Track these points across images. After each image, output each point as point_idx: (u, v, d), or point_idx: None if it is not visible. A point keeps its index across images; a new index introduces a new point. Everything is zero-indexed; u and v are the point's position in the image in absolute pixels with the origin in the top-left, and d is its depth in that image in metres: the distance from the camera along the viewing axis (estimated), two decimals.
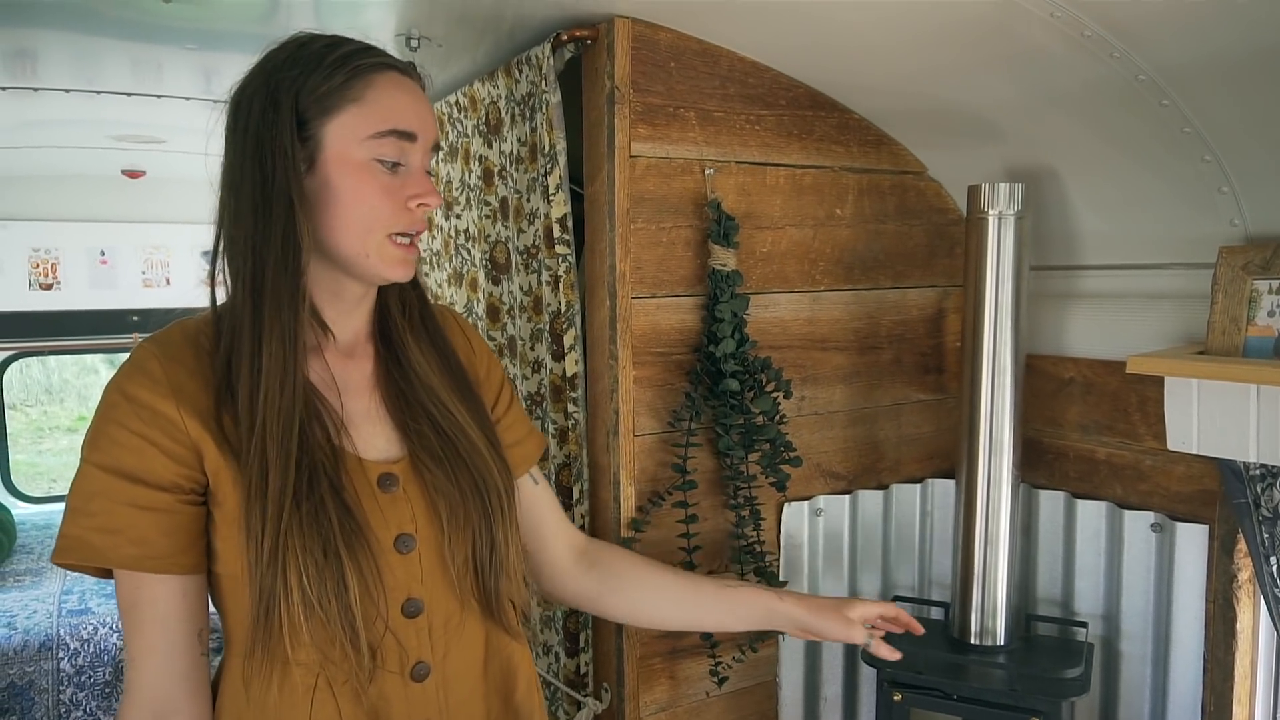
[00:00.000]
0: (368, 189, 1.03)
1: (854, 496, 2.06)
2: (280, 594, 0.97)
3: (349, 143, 1.03)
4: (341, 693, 1.05)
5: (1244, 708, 1.71)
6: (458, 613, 1.14)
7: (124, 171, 3.86)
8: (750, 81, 1.83)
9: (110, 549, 0.99)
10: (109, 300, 4.24)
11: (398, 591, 1.08)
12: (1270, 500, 1.55)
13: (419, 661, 1.10)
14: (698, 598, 1.39)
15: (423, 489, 1.11)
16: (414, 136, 1.05)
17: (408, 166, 1.06)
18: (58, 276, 4.16)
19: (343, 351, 1.14)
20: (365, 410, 1.13)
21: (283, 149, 1.00)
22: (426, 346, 1.18)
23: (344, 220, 1.03)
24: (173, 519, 1.00)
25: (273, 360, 1.00)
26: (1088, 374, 1.92)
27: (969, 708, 1.69)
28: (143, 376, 1.01)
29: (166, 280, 4.33)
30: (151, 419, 0.99)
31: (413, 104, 1.06)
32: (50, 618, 3.19)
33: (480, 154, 2.06)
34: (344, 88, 1.02)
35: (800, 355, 1.95)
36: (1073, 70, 1.50)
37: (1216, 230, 1.60)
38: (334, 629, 1.00)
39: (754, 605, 1.38)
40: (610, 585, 1.37)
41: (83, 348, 4.53)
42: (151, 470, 0.99)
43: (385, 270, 1.07)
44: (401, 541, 1.08)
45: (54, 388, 8.87)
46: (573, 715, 1.89)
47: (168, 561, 1.00)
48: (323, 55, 1.03)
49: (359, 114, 1.03)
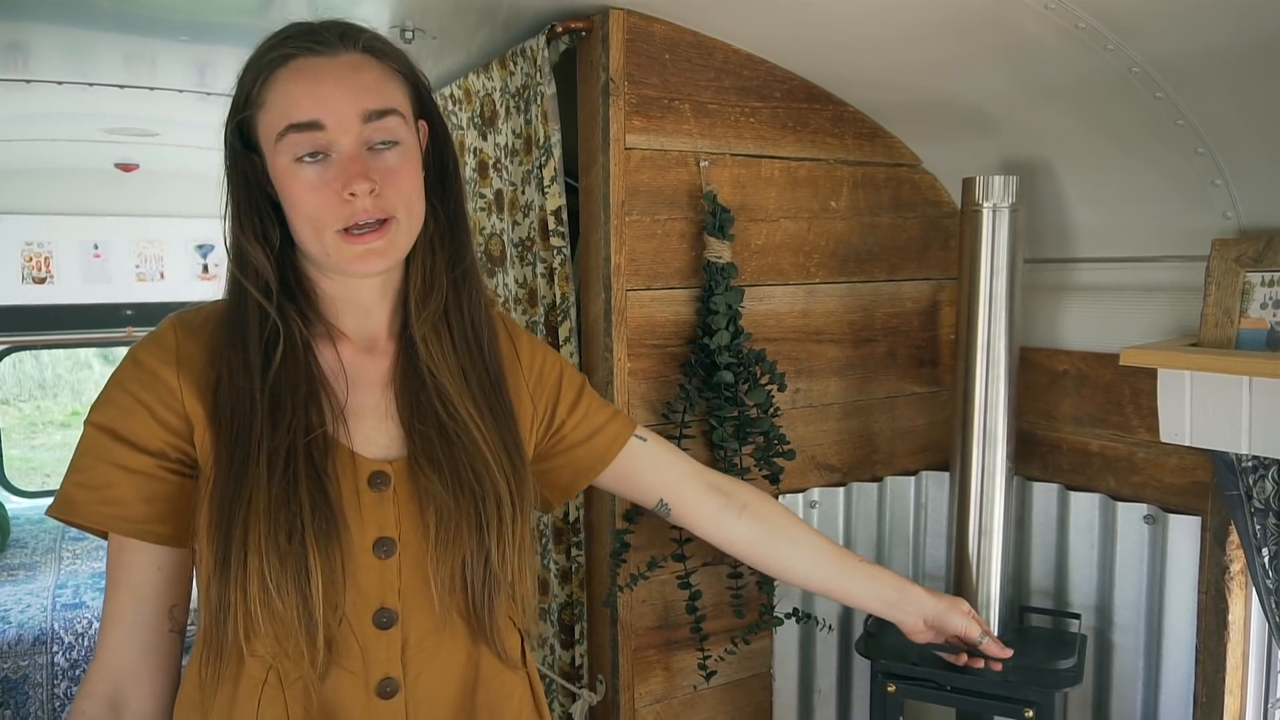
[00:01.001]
0: (298, 190, 0.99)
1: (848, 489, 2.06)
2: (238, 576, 0.95)
3: (270, 150, 1.01)
4: (291, 691, 1.01)
5: (1235, 698, 1.72)
6: (434, 633, 1.07)
7: (117, 165, 3.85)
8: (745, 74, 1.83)
9: (85, 504, 0.99)
10: (102, 294, 4.23)
11: (370, 598, 1.03)
12: (1262, 492, 1.55)
13: (386, 677, 1.04)
14: (845, 568, 1.45)
15: (414, 494, 1.06)
16: (318, 124, 0.97)
17: (336, 155, 0.99)
18: (51, 270, 4.15)
19: (362, 346, 1.11)
20: (374, 406, 1.09)
21: (230, 169, 1.04)
22: (448, 346, 1.12)
23: (296, 223, 1.02)
24: (153, 485, 1.00)
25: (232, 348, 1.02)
26: (1081, 366, 1.92)
27: (962, 699, 1.70)
28: (155, 344, 1.03)
29: (160, 274, 4.31)
30: (151, 384, 1.00)
31: (312, 89, 0.98)
32: (44, 612, 3.19)
33: (475, 146, 2.06)
34: (253, 98, 1.01)
35: (795, 348, 1.96)
36: (1067, 63, 1.50)
37: (1210, 223, 1.61)
38: (290, 619, 0.96)
39: (891, 588, 1.45)
40: (765, 538, 1.40)
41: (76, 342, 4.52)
42: (138, 433, 0.99)
43: (348, 267, 1.02)
44: (381, 545, 1.03)
45: (47, 382, 8.84)
46: (568, 707, 1.90)
47: (140, 527, 1.00)
48: (244, 70, 1.03)
49: (265, 120, 1.00)
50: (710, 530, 1.39)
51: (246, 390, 1.00)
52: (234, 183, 1.04)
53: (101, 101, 2.62)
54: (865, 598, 1.47)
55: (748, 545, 1.41)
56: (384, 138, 1.01)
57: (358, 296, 1.10)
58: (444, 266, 1.12)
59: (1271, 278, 1.50)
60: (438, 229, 1.11)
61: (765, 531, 1.40)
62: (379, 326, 1.12)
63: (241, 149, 1.03)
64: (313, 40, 1.00)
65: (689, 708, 1.91)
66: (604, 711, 1.86)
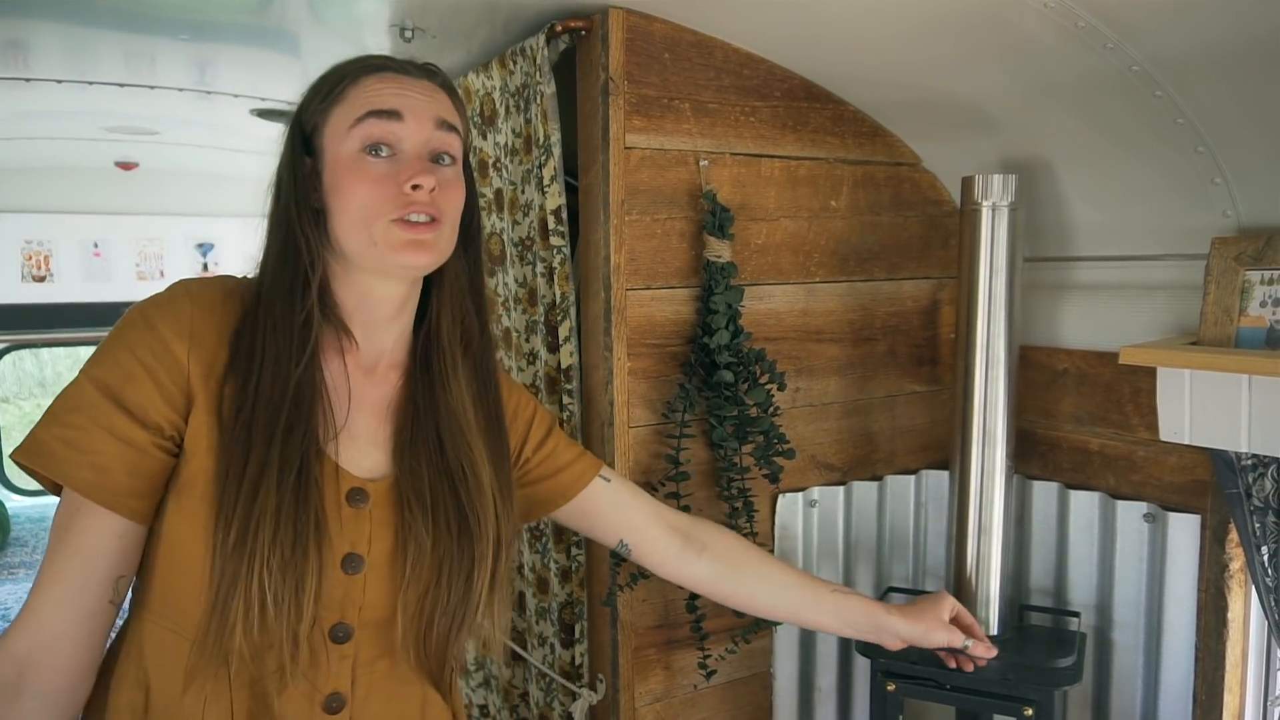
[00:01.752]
0: (359, 180, 1.03)
1: (848, 488, 2.07)
2: (241, 584, 0.94)
3: (338, 141, 1.04)
4: (239, 696, 1.01)
5: (1235, 696, 1.72)
6: (386, 655, 1.09)
7: (117, 163, 3.85)
8: (745, 73, 1.83)
9: (69, 464, 0.97)
10: (102, 293, 4.24)
11: (331, 611, 1.04)
12: (1261, 490, 1.56)
13: (335, 692, 1.05)
14: (815, 600, 1.45)
15: (393, 516, 1.08)
16: (397, 114, 1.04)
17: (402, 151, 1.05)
18: (51, 269, 4.16)
19: (364, 366, 1.12)
20: (365, 428, 1.10)
21: (287, 165, 1.06)
22: (471, 381, 1.15)
23: (345, 216, 1.04)
24: (141, 460, 0.98)
25: (266, 354, 1.01)
26: (1081, 365, 1.92)
27: (962, 697, 1.70)
28: (168, 309, 1.01)
29: (160, 272, 4.32)
30: (163, 353, 0.99)
31: (397, 89, 1.05)
32: None
33: (475, 146, 2.06)
34: (332, 95, 1.06)
35: (795, 347, 1.96)
36: (1066, 61, 1.50)
37: (1209, 221, 1.61)
38: (279, 631, 0.97)
39: (863, 616, 1.46)
40: (728, 576, 1.42)
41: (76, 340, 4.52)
42: (141, 402, 0.98)
43: (395, 256, 1.03)
44: (349, 560, 1.05)
45: (47, 381, 8.85)
46: (568, 706, 1.90)
47: (118, 499, 0.98)
48: (326, 75, 1.08)
49: (341, 113, 1.05)
50: (672, 571, 1.42)
51: (269, 385, 1.00)
52: (291, 174, 1.06)
53: (101, 100, 2.62)
54: (837, 627, 1.49)
55: (710, 583, 1.43)
56: (447, 150, 1.08)
57: (371, 313, 1.10)
58: (473, 311, 1.16)
59: (1271, 276, 1.50)
60: (468, 277, 1.16)
61: (727, 569, 1.42)
62: (381, 350, 1.13)
63: (300, 147, 1.07)
64: (400, 62, 1.09)
65: (689, 707, 1.91)
66: (604, 710, 1.86)
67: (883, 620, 1.45)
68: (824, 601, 1.45)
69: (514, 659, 2.17)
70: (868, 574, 2.11)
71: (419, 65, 1.10)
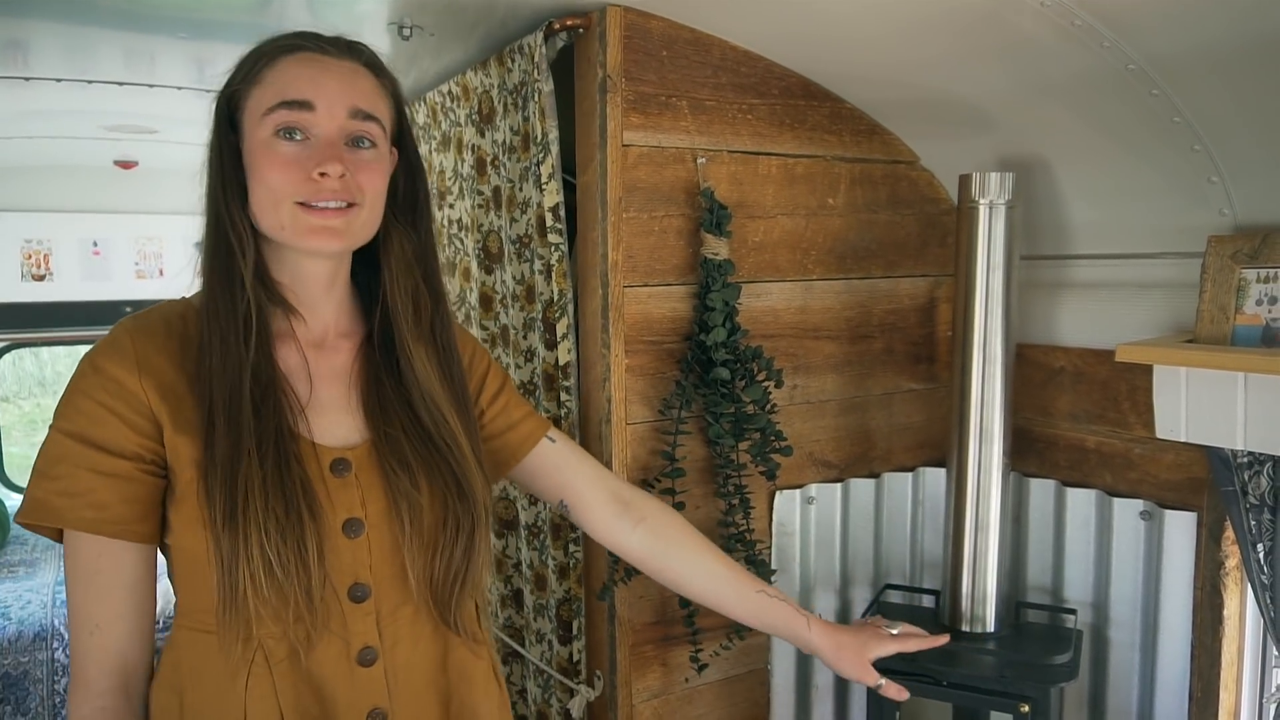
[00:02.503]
0: (269, 162, 1.05)
1: (846, 485, 2.07)
2: (242, 555, 0.99)
3: (253, 123, 1.06)
4: (279, 669, 1.06)
5: (1230, 693, 1.73)
6: (407, 604, 1.14)
7: (116, 162, 3.85)
8: (742, 70, 1.83)
9: (68, 510, 1.02)
10: (102, 291, 4.23)
11: (344, 575, 1.09)
12: (1257, 488, 1.56)
13: (366, 646, 1.11)
14: (739, 596, 1.45)
15: (380, 480, 1.12)
16: (309, 105, 1.05)
17: (315, 138, 1.06)
18: (50, 268, 4.15)
19: (313, 342, 1.15)
20: (336, 399, 1.14)
21: (216, 146, 1.08)
22: (433, 353, 1.18)
23: (258, 196, 1.06)
24: (132, 486, 1.03)
25: (213, 336, 1.05)
26: (1078, 363, 1.93)
27: (959, 694, 1.70)
28: (112, 350, 1.05)
29: (160, 271, 4.32)
30: (116, 390, 1.03)
31: (313, 75, 1.06)
32: (44, 608, 3.19)
33: (473, 143, 2.06)
34: (250, 76, 1.08)
35: (792, 344, 1.96)
36: (1063, 60, 1.50)
37: (1206, 220, 1.61)
38: (291, 587, 1.01)
39: (784, 623, 1.46)
40: (659, 551, 1.43)
41: (76, 339, 4.51)
42: (112, 439, 1.02)
43: (301, 240, 1.06)
44: (350, 526, 1.09)
45: (47, 380, 8.84)
46: (566, 703, 1.90)
47: (124, 527, 1.03)
48: (249, 53, 1.10)
49: (258, 95, 1.06)
50: (603, 535, 1.42)
51: (228, 377, 1.03)
52: (219, 155, 1.08)
53: (101, 98, 2.62)
54: (758, 625, 1.50)
55: (640, 557, 1.43)
56: (363, 135, 1.09)
57: (305, 289, 1.14)
58: (424, 284, 1.18)
59: (1267, 274, 1.51)
60: (415, 250, 1.18)
61: (660, 547, 1.42)
62: (325, 324, 1.17)
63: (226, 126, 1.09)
64: (322, 41, 1.09)
65: (686, 703, 1.92)
66: (602, 707, 1.87)
67: (801, 634, 1.45)
68: (747, 601, 1.45)
69: (512, 655, 2.17)
70: (865, 571, 2.12)
71: (342, 44, 1.10)
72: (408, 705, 1.14)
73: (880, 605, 1.93)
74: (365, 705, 1.11)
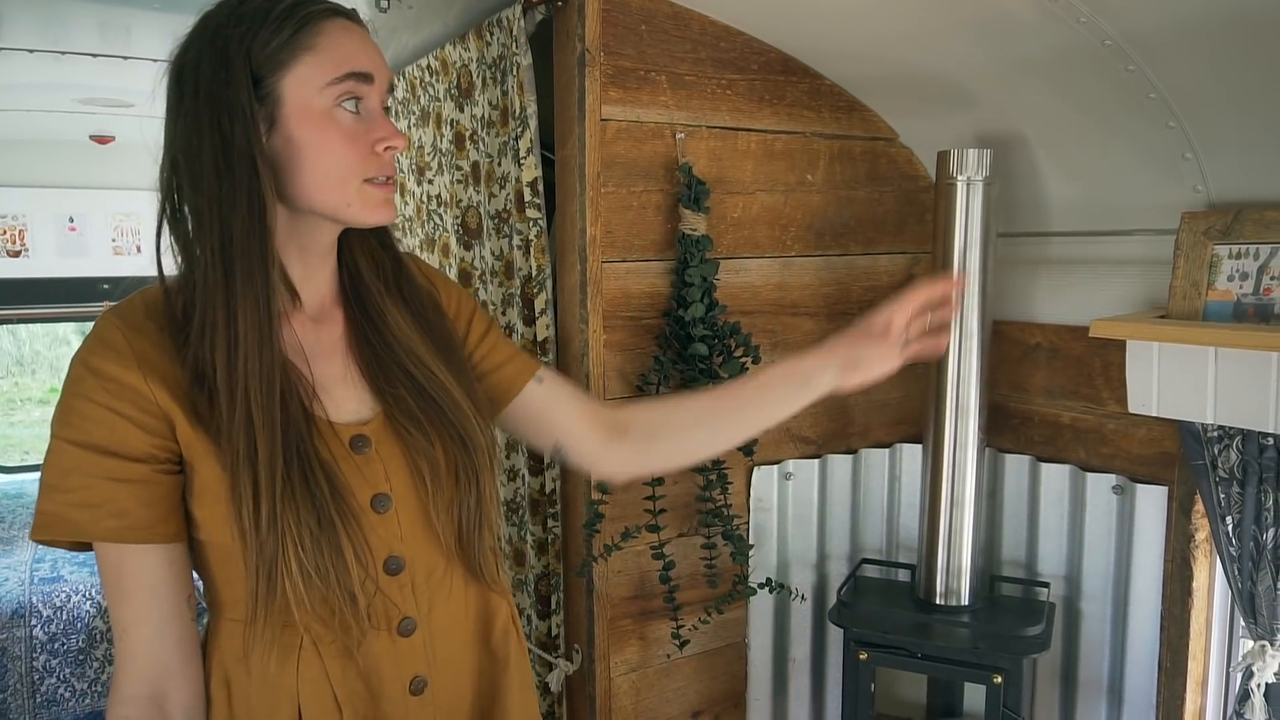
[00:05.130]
0: (333, 138, 1.01)
1: (823, 461, 2.08)
2: (280, 564, 0.97)
3: (309, 93, 1.00)
4: (327, 651, 1.06)
5: (1199, 663, 1.75)
6: (441, 566, 1.14)
7: (92, 137, 3.81)
8: (722, 45, 1.82)
9: (90, 523, 0.98)
10: (79, 268, 4.19)
11: (379, 550, 1.08)
12: (1227, 461, 1.58)
13: (405, 617, 1.11)
14: (732, 411, 1.36)
15: (399, 449, 1.11)
16: (370, 78, 1.03)
17: (368, 110, 1.05)
18: (25, 244, 4.11)
19: (311, 316, 1.12)
20: (337, 374, 1.12)
21: (241, 109, 0.97)
22: (404, 308, 1.17)
23: (316, 173, 1.02)
24: (150, 489, 1.00)
25: (249, 327, 0.98)
26: (1053, 339, 1.94)
27: (933, 665, 1.73)
28: (106, 349, 1.00)
29: (137, 248, 4.28)
30: (119, 391, 0.98)
31: (364, 47, 1.05)
32: (22, 585, 3.18)
33: (452, 118, 2.05)
34: (295, 38, 1.00)
35: (770, 320, 1.97)
36: (1041, 36, 1.51)
37: (1180, 196, 1.62)
38: (333, 596, 1.00)
39: (790, 384, 1.35)
40: (645, 447, 1.36)
41: (52, 315, 4.48)
42: (124, 442, 0.98)
43: (369, 215, 1.05)
44: (378, 501, 1.08)
45: (25, 359, 8.77)
46: (544, 677, 1.91)
47: (149, 532, 1.00)
48: (268, 9, 1.01)
49: (314, 63, 1.01)
50: (603, 466, 1.38)
51: (263, 371, 0.99)
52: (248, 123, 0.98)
53: (75, 71, 2.59)
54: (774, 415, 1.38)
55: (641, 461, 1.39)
56: (388, 107, 1.10)
57: (310, 259, 1.11)
58: (379, 244, 1.18)
59: (1239, 250, 1.52)
60: None
61: (647, 439, 1.36)
62: (323, 293, 1.15)
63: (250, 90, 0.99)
64: (339, 6, 1.05)
65: (664, 676, 1.93)
66: (580, 681, 1.88)
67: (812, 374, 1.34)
68: (745, 402, 1.36)
69: None
70: (842, 545, 2.13)
71: (353, 12, 1.08)
72: (446, 668, 1.15)
73: (857, 579, 1.95)
74: (407, 675, 1.11)
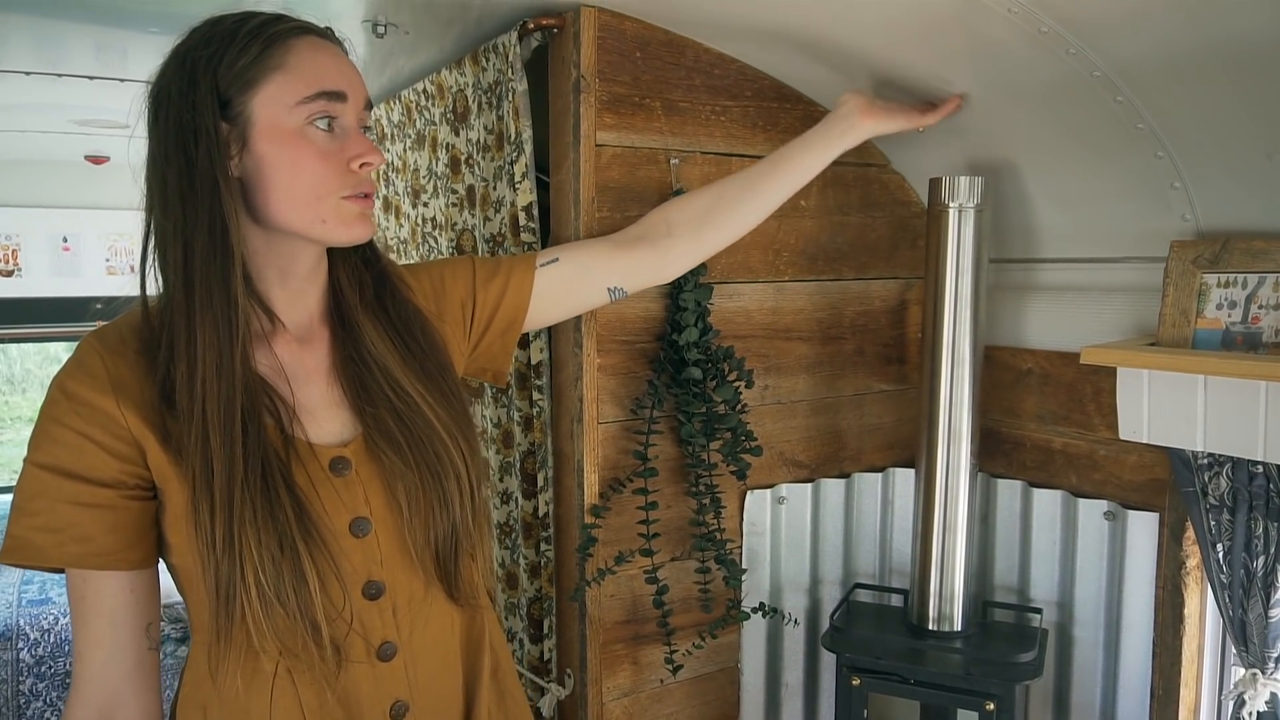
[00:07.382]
0: (305, 156, 1.01)
1: (816, 485, 2.09)
2: (239, 587, 0.96)
3: (278, 112, 1.00)
4: (302, 680, 1.05)
5: (1191, 690, 1.75)
6: (421, 589, 1.13)
7: (87, 157, 3.82)
8: (716, 73, 1.84)
9: (53, 547, 0.98)
10: (72, 288, 4.20)
11: (356, 575, 1.07)
12: (1217, 488, 1.59)
13: (385, 642, 1.10)
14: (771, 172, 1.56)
15: (378, 471, 1.09)
16: (343, 95, 1.03)
17: (343, 128, 1.04)
18: (19, 263, 4.11)
19: (297, 337, 1.11)
20: (320, 396, 1.11)
21: (205, 131, 0.98)
22: (384, 326, 1.15)
23: (288, 193, 1.01)
24: (116, 515, 0.99)
25: (207, 348, 0.98)
26: (1045, 365, 1.95)
27: (926, 692, 1.72)
28: (82, 373, 0.99)
29: (130, 268, 4.25)
30: (90, 415, 0.98)
31: (336, 64, 1.04)
32: (10, 608, 3.16)
33: (447, 142, 2.06)
34: (263, 58, 1.00)
35: (764, 345, 1.97)
36: (1031, 66, 1.52)
37: (1169, 225, 1.64)
38: (295, 623, 0.99)
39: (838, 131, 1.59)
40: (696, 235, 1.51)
41: (45, 335, 4.47)
42: (91, 467, 0.98)
43: (344, 233, 1.05)
44: (357, 525, 1.07)
45: (16, 378, 8.71)
46: (536, 702, 1.90)
47: (113, 558, 1.00)
48: (236, 29, 1.01)
49: (283, 82, 1.00)
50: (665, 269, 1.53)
51: (222, 393, 0.98)
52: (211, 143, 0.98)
53: (71, 93, 2.60)
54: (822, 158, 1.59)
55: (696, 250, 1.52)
56: (368, 125, 1.09)
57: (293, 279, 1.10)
58: (360, 262, 1.17)
59: (1227, 279, 1.53)
60: None
61: (701, 225, 1.51)
62: (310, 312, 1.14)
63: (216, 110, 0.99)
64: (309, 24, 1.06)
65: (657, 702, 1.93)
66: (572, 706, 1.87)
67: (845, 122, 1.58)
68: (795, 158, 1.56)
69: None
70: (834, 570, 2.13)
71: (329, 31, 1.08)
72: (428, 691, 1.14)
73: (850, 604, 1.95)
74: (388, 700, 1.10)
